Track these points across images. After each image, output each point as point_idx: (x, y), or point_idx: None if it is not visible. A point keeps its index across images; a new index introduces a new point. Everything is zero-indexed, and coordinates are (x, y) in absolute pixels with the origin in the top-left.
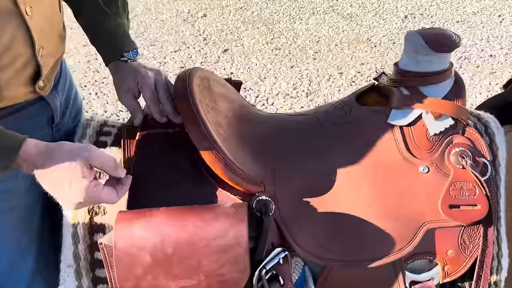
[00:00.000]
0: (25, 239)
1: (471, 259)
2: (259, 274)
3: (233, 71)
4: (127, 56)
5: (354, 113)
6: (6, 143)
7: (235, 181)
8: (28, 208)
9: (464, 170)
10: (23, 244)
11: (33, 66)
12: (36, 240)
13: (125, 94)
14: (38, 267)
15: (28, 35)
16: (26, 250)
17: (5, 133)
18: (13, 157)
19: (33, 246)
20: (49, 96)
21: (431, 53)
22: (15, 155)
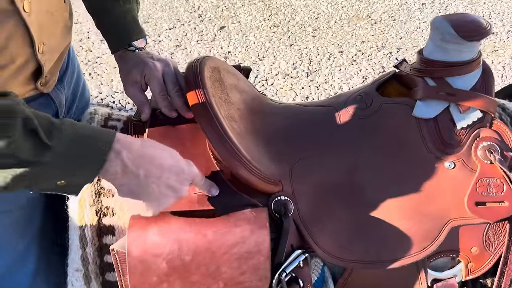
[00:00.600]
0: (23, 242)
1: (495, 256)
2: (279, 277)
3: (230, 50)
4: (134, 45)
5: (375, 104)
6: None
7: (253, 181)
8: (26, 210)
9: (491, 166)
10: (21, 248)
11: (33, 65)
12: (36, 242)
13: (132, 87)
14: (39, 270)
15: (26, 33)
16: (24, 254)
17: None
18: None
19: (32, 249)
20: (53, 91)
21: (461, 42)
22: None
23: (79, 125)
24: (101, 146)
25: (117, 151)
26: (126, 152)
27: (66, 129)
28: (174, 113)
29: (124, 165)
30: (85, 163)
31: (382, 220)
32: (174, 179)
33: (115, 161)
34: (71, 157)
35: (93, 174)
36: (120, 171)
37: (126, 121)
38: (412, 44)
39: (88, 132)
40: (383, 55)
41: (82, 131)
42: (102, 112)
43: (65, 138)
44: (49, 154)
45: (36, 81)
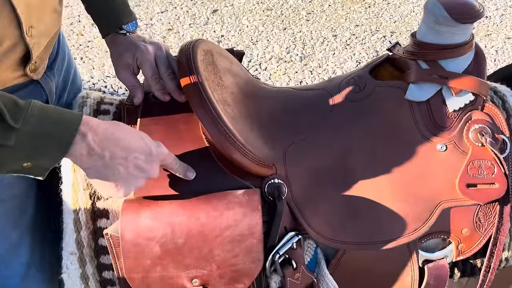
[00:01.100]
0: (16, 232)
1: (485, 237)
2: (272, 258)
3: (223, 34)
4: (125, 28)
5: (369, 87)
6: (64, 111)
7: (246, 164)
8: (18, 199)
9: (482, 148)
10: (14, 237)
11: (21, 49)
12: (29, 231)
13: (123, 70)
14: (33, 259)
15: (13, 13)
16: (18, 243)
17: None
18: (76, 121)
19: (26, 238)
20: (43, 78)
21: (454, 24)
22: (77, 119)
23: (46, 108)
24: (67, 129)
25: (82, 134)
26: (92, 135)
27: (32, 111)
28: (167, 97)
29: (90, 148)
30: (51, 146)
31: (375, 202)
32: (142, 159)
33: (80, 143)
34: (37, 140)
35: (58, 157)
36: (85, 154)
37: (119, 105)
38: (406, 27)
39: (55, 114)
40: (377, 39)
41: (49, 113)
42: (94, 96)
43: (31, 120)
44: (14, 136)
45: (25, 67)
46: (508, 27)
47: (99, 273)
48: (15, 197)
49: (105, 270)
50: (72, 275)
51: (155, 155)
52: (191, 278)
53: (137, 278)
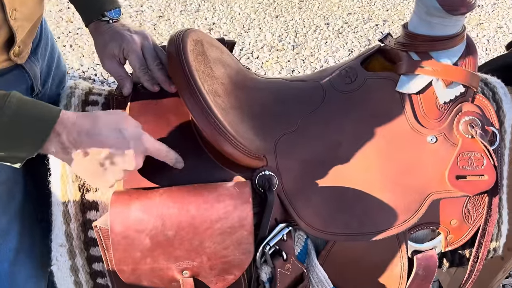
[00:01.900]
0: (5, 217)
1: (474, 228)
2: (263, 250)
3: (215, 21)
4: (108, 15)
5: (360, 79)
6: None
7: (237, 156)
8: (6, 185)
9: (472, 140)
10: (3, 223)
11: (5, 31)
12: (18, 217)
13: (110, 61)
14: (22, 245)
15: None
16: (7, 228)
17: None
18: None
19: (15, 224)
20: (27, 63)
21: (446, 16)
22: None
23: (24, 101)
24: (42, 128)
25: (57, 133)
26: (66, 134)
27: (10, 104)
28: (156, 87)
29: (64, 146)
30: (25, 141)
31: (365, 193)
32: (118, 154)
33: (54, 141)
34: (11, 133)
35: (32, 152)
36: (60, 151)
37: (108, 95)
38: (398, 16)
39: (32, 110)
40: (369, 28)
41: (27, 107)
42: (82, 86)
43: (7, 112)
44: None
45: (8, 51)
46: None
47: (89, 265)
48: (3, 182)
49: (95, 262)
50: (62, 267)
51: (134, 148)
52: (181, 270)
53: (127, 270)
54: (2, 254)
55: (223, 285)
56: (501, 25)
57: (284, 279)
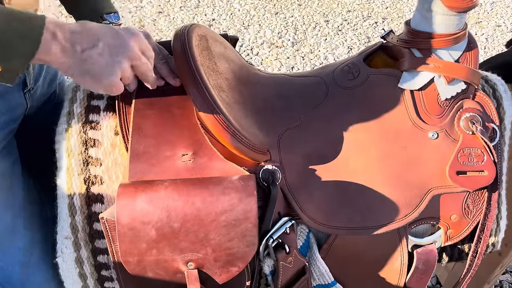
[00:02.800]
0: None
1: (473, 223)
2: (266, 243)
3: (214, 18)
4: (108, 19)
5: (362, 75)
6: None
7: (242, 150)
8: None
9: (473, 136)
10: (8, 219)
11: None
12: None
13: None
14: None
15: None
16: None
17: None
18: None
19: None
20: None
21: (448, 13)
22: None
23: (12, 8)
24: (35, 26)
25: (52, 32)
26: (60, 32)
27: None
28: (161, 82)
29: (61, 45)
30: (21, 44)
31: (367, 188)
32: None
33: (51, 42)
34: (5, 37)
35: (29, 56)
36: (58, 52)
37: None
38: (398, 14)
39: (20, 14)
40: (368, 25)
41: (14, 13)
42: None
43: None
44: None
45: None
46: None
47: (94, 257)
48: (1, 175)
49: (100, 254)
50: (67, 259)
51: (124, 34)
52: (186, 262)
53: (132, 262)
54: (11, 255)
55: (227, 277)
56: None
57: (286, 272)
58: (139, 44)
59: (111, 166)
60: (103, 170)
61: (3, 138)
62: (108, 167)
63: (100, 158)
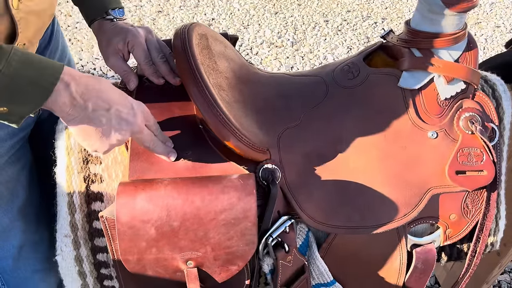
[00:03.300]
0: (7, 216)
1: (472, 223)
2: (265, 241)
3: (214, 17)
4: (112, 14)
5: (362, 74)
6: (47, 59)
7: (242, 149)
8: (7, 184)
9: (472, 136)
10: (5, 222)
11: (7, 22)
12: (21, 215)
13: (114, 57)
14: (26, 242)
15: None
16: (10, 227)
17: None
18: (58, 69)
19: (18, 222)
20: None
21: (448, 13)
22: (59, 68)
23: (28, 53)
24: (49, 76)
25: (66, 83)
26: (75, 85)
27: (15, 55)
28: (161, 80)
29: (72, 97)
30: (31, 92)
31: (366, 187)
32: (124, 112)
33: (63, 93)
34: (18, 83)
35: (37, 104)
36: (68, 103)
37: None
38: (397, 14)
39: (37, 60)
40: (368, 25)
41: (31, 58)
42: None
43: (13, 63)
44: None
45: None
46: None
47: (93, 255)
48: (5, 182)
49: (99, 252)
50: (66, 257)
51: (137, 109)
52: (185, 260)
53: (132, 260)
54: (5, 251)
55: (226, 276)
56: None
57: (286, 270)
58: (145, 116)
59: (111, 165)
60: (103, 169)
61: (11, 147)
62: (108, 166)
63: (100, 156)
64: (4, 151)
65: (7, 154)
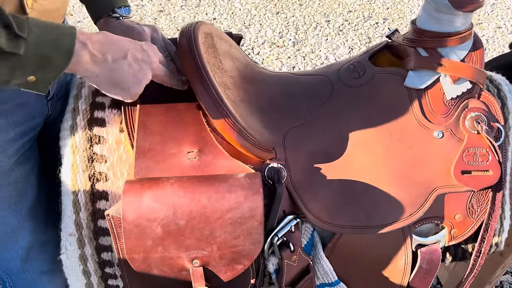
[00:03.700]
0: (16, 217)
1: (477, 223)
2: (271, 241)
3: (215, 17)
4: (119, 12)
5: (368, 74)
6: (58, 24)
7: (248, 148)
8: (16, 185)
9: (478, 136)
10: (14, 223)
11: None
12: (30, 216)
13: None
14: (34, 243)
15: None
16: (18, 228)
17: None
18: (73, 31)
19: (27, 223)
20: None
21: (455, 12)
22: (73, 29)
23: (43, 21)
24: (67, 37)
25: (82, 42)
26: (90, 43)
27: (32, 23)
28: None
29: (92, 54)
30: (55, 55)
31: (372, 186)
32: (139, 54)
33: (83, 51)
34: (42, 49)
35: (62, 66)
36: (89, 61)
37: None
38: (399, 14)
39: (52, 25)
40: (369, 26)
41: (46, 25)
42: None
43: (34, 29)
44: (23, 45)
45: None
46: (499, 17)
47: (98, 254)
48: (14, 182)
49: (104, 251)
50: (71, 256)
51: (148, 49)
52: (191, 259)
53: (138, 259)
54: (13, 252)
55: (232, 275)
56: (500, 25)
57: (291, 270)
58: (156, 53)
59: (116, 163)
60: (108, 167)
61: (20, 147)
62: (113, 164)
63: (105, 155)
64: (14, 151)
65: (16, 154)
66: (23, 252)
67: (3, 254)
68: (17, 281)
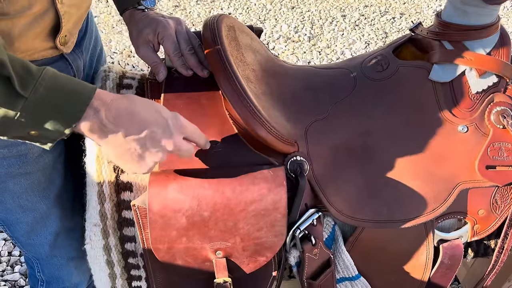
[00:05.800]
0: (44, 203)
1: (500, 219)
2: (293, 234)
3: (231, 12)
4: (144, 4)
5: (392, 67)
6: (79, 82)
7: (271, 141)
8: (44, 171)
9: (503, 130)
10: (43, 208)
11: (52, 16)
12: (58, 202)
13: (144, 47)
14: (62, 230)
15: None
16: (47, 214)
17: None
18: (89, 94)
19: (55, 209)
20: (71, 55)
21: (482, 5)
22: (90, 92)
23: (58, 77)
24: (78, 103)
25: (95, 109)
26: (105, 111)
27: (43, 80)
28: (190, 72)
29: (102, 124)
30: (59, 117)
31: (395, 180)
32: (159, 132)
33: (92, 119)
34: (43, 110)
35: (66, 129)
36: (97, 129)
37: (141, 79)
38: (415, 9)
39: (67, 85)
40: (386, 20)
41: (60, 83)
42: (116, 69)
43: (40, 89)
44: (21, 103)
45: (54, 39)
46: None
47: (122, 245)
48: (43, 169)
49: (128, 242)
50: (95, 246)
51: (173, 127)
52: (215, 250)
53: (162, 249)
54: (42, 237)
55: (254, 266)
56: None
57: (312, 263)
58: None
59: None
60: None
61: None
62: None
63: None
64: None
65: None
66: (51, 237)
67: (33, 239)
68: (45, 266)
